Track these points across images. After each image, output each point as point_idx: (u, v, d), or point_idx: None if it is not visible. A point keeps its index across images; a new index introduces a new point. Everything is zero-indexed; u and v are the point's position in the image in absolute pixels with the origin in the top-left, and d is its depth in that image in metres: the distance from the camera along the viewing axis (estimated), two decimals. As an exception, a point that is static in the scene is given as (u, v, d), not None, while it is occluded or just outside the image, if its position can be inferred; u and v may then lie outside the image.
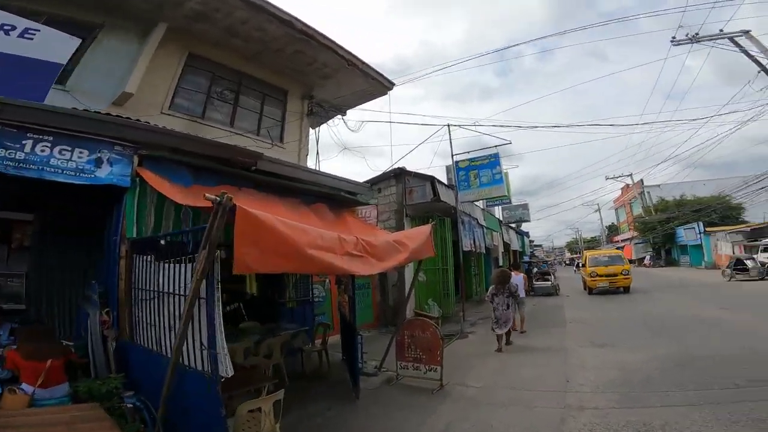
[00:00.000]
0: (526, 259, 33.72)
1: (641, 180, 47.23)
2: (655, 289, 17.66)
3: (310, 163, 10.62)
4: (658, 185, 46.14)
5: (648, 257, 41.49)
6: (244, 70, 9.26)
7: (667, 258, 41.47)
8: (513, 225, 27.06)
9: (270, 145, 9.03)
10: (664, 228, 39.71)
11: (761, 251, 19.30)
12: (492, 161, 12.95)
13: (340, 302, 6.77)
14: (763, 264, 17.74)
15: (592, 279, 16.52)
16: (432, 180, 11.93)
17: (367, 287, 10.76)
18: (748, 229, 25.38)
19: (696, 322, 8.99)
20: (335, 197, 6.30)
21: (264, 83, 9.77)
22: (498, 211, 24.26)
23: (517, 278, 9.95)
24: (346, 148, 12.49)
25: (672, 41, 18.60)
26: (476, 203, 16.41)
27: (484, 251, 16.57)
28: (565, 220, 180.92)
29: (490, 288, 8.72)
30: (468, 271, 16.76)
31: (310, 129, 11.32)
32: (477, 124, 14.34)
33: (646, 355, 6.28)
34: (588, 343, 7.65)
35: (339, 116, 11.72)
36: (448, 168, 14.94)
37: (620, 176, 45.34)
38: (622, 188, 61.44)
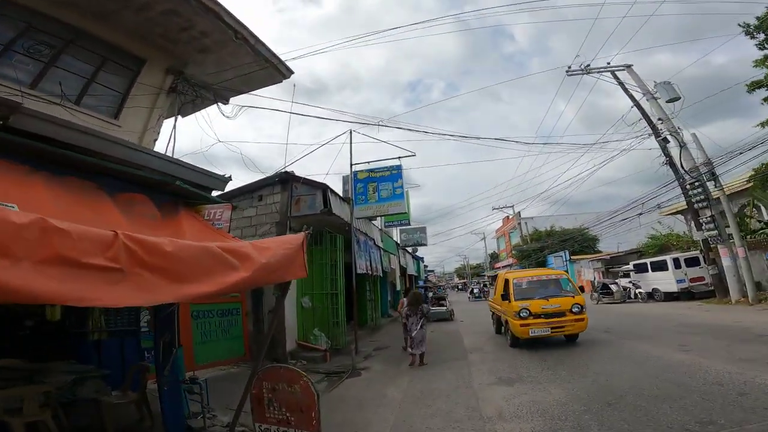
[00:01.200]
0: (421, 284, 34.01)
1: (518, 212, 52.77)
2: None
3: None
4: (532, 217, 52.25)
5: (525, 282, 45.24)
6: (88, 28, 6.70)
7: (540, 283, 45.57)
8: (409, 249, 26.69)
9: (103, 122, 6.50)
10: (538, 256, 44.02)
11: (621, 276, 21.72)
12: (394, 174, 11.89)
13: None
14: (625, 288, 19.82)
15: (523, 322, 8.95)
16: (324, 189, 10.28)
17: (235, 313, 8.48)
18: (608, 257, 28.78)
19: (592, 348, 8.68)
20: (167, 187, 4.25)
21: (112, 47, 7.20)
22: (396, 234, 23.67)
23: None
24: (220, 141, 10.06)
25: (567, 72, 20.38)
26: (374, 222, 15.19)
27: (381, 275, 15.34)
28: (455, 247, 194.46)
29: (404, 309, 9.29)
30: (362, 297, 15.29)
31: (179, 117, 8.93)
32: (381, 124, 12.84)
33: (564, 392, 5.35)
34: (495, 380, 6.58)
35: (218, 103, 9.45)
36: (344, 179, 13.55)
37: (504, 207, 49.32)
38: (503, 219, 68.10)
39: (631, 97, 20.08)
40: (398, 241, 22.52)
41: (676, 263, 18.14)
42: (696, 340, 8.29)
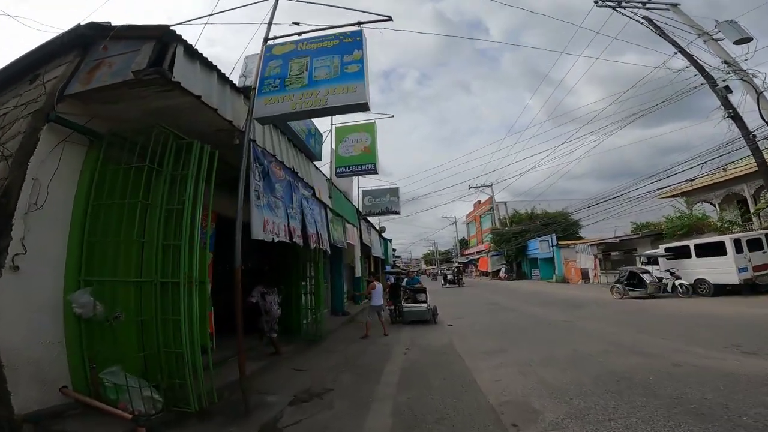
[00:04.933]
0: (389, 269, 28.31)
1: (492, 196, 48.28)
2: (554, 310, 13.10)
3: None
4: (505, 202, 47.93)
5: (503, 270, 40.76)
6: None
7: (518, 271, 41.48)
8: (375, 223, 20.79)
9: None
10: (518, 241, 39.56)
11: (644, 263, 16.86)
12: (345, 43, 5.84)
13: None
14: (660, 279, 14.89)
15: None
16: (162, 38, 4.16)
17: None
18: (617, 240, 24.07)
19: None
20: None
21: None
22: (356, 197, 17.58)
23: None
24: None
25: (596, 3, 15.23)
26: (316, 166, 9.12)
27: (328, 250, 9.30)
28: (421, 233, 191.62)
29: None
30: (295, 285, 9.30)
31: None
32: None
33: None
34: None
35: None
36: (247, 59, 7.51)
37: (482, 186, 44.40)
38: (474, 204, 63.73)
39: (674, 42, 15.24)
40: (359, 208, 16.53)
41: (737, 246, 13.29)
42: None
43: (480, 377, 5.67)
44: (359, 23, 6.03)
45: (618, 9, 14.78)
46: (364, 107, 5.25)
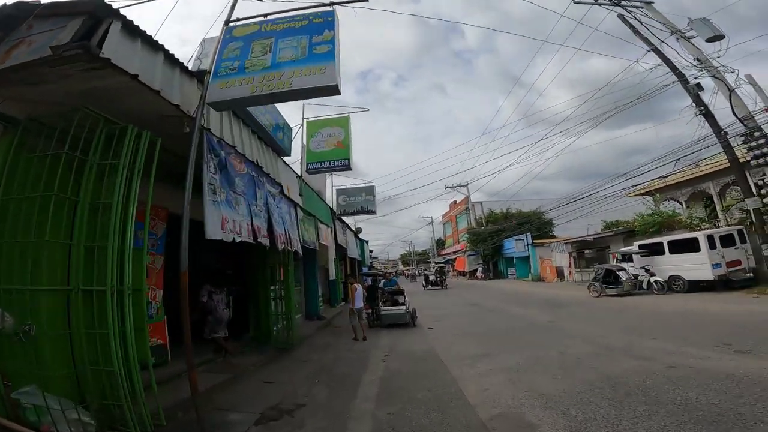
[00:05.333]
0: (365, 270, 27.69)
1: (468, 196, 48.51)
2: (535, 310, 12.90)
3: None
4: (481, 202, 48.30)
5: (480, 269, 40.87)
6: None
7: (494, 271, 41.71)
8: (351, 224, 20.16)
9: None
10: (494, 240, 39.77)
11: (620, 261, 16.94)
12: (315, 24, 5.27)
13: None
14: (635, 276, 14.92)
15: None
16: (95, 14, 3.51)
17: None
18: (590, 238, 24.31)
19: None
20: None
21: None
22: (330, 195, 16.89)
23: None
24: None
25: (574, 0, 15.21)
26: (283, 162, 8.48)
27: (299, 251, 8.66)
28: (397, 233, 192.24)
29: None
30: (264, 290, 8.60)
31: None
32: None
33: None
34: None
35: None
36: (204, 42, 6.81)
37: (458, 185, 44.45)
38: (450, 204, 64.01)
39: (646, 40, 15.48)
40: (333, 207, 15.85)
41: (711, 242, 13.44)
42: None
43: (466, 387, 5.18)
44: (332, 3, 5.49)
45: (598, 3, 14.78)
46: (333, 90, 4.67)
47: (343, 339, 9.80)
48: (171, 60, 4.66)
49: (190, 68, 5.29)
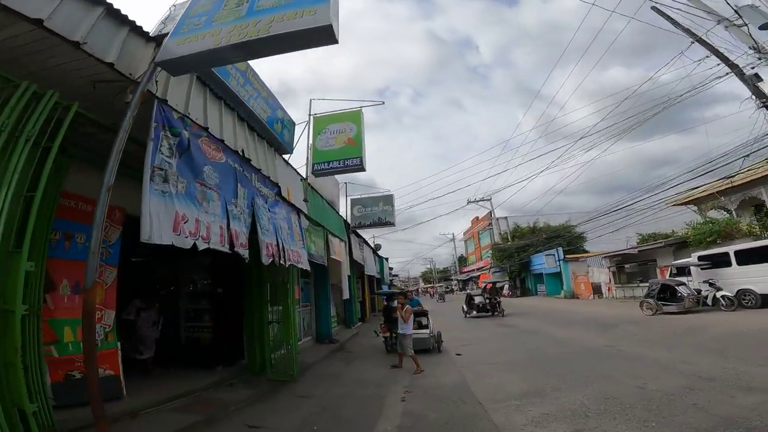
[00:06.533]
0: (385, 288, 26.03)
1: (491, 211, 46.57)
2: (583, 332, 11.14)
3: None
4: (506, 217, 46.20)
5: (506, 286, 38.56)
6: None
7: (522, 287, 39.33)
8: (370, 240, 18.76)
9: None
10: (521, 256, 37.61)
11: (673, 274, 14.86)
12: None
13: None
14: (698, 291, 12.87)
15: None
16: None
17: None
18: (635, 250, 22.11)
19: None
20: None
21: None
22: (344, 207, 15.58)
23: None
24: None
25: None
26: (282, 160, 7.26)
27: (306, 267, 7.30)
28: (417, 251, 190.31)
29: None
30: (259, 312, 7.25)
31: None
32: None
33: None
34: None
35: None
36: (177, 6, 5.70)
37: (481, 199, 42.68)
38: (471, 221, 62.01)
39: (688, 31, 13.92)
40: (347, 219, 14.49)
41: (791, 249, 11.39)
42: None
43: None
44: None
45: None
46: (325, 35, 3.38)
47: (356, 367, 8.32)
48: (117, 16, 3.55)
49: (151, 34, 4.17)
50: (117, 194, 4.58)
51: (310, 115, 9.29)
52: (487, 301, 19.02)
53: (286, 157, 7.71)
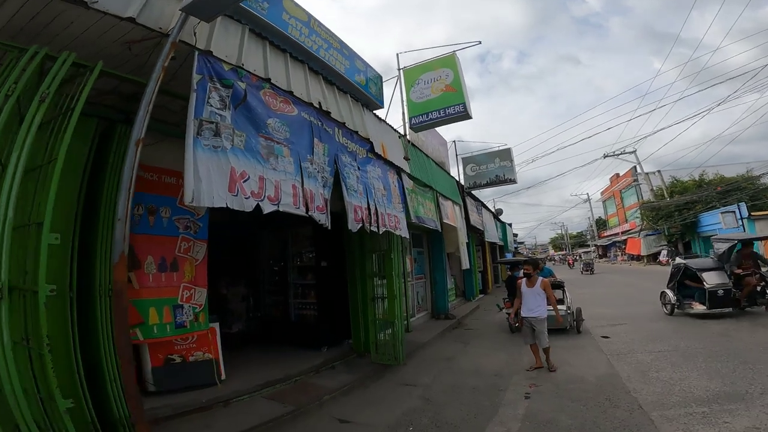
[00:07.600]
0: (509, 256, 23.95)
1: (636, 165, 38.93)
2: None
3: None
4: (656, 171, 38.00)
5: (664, 252, 32.33)
6: None
7: (686, 253, 32.48)
8: (491, 205, 17.04)
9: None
10: (683, 216, 30.85)
11: None
12: None
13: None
14: None
15: None
16: None
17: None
18: None
19: None
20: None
21: None
22: (455, 167, 14.03)
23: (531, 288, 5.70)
24: None
25: None
26: (368, 111, 6.40)
27: (405, 234, 6.47)
28: (543, 216, 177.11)
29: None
30: (362, 286, 6.72)
31: None
32: None
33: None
34: None
35: None
36: None
37: (621, 153, 36.15)
38: (611, 178, 53.42)
39: None
40: (460, 180, 13.03)
41: None
42: None
43: None
44: None
45: None
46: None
47: (473, 349, 7.32)
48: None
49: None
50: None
51: (399, 69, 8.27)
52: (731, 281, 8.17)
53: (377, 112, 6.86)
